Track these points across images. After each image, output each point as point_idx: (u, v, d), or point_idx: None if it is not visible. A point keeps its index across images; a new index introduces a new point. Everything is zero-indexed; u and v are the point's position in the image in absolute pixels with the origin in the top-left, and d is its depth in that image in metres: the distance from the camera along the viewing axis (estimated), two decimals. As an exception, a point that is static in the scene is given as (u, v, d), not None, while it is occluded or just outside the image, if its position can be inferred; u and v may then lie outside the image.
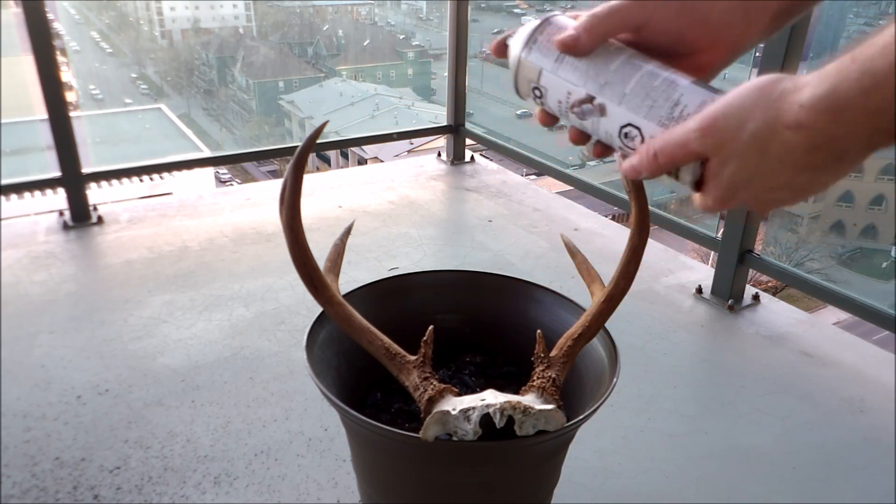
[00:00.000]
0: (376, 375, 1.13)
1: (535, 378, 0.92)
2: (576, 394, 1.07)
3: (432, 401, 0.87)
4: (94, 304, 2.04)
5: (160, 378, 1.71)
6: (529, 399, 0.88)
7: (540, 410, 0.85)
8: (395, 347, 0.94)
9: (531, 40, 0.65)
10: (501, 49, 0.68)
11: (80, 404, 1.61)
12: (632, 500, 1.41)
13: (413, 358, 0.92)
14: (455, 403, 0.86)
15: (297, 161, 0.88)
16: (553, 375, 0.92)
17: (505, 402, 0.84)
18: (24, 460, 1.44)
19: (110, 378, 1.71)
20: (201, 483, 1.40)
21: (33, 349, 1.81)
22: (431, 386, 0.88)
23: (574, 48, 0.62)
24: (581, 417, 0.91)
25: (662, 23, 0.63)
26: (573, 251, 1.16)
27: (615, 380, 0.97)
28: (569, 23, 0.64)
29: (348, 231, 1.14)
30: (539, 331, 0.96)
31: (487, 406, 0.84)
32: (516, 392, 0.91)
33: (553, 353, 0.95)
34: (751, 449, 1.55)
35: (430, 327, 0.94)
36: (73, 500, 1.35)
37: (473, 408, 0.84)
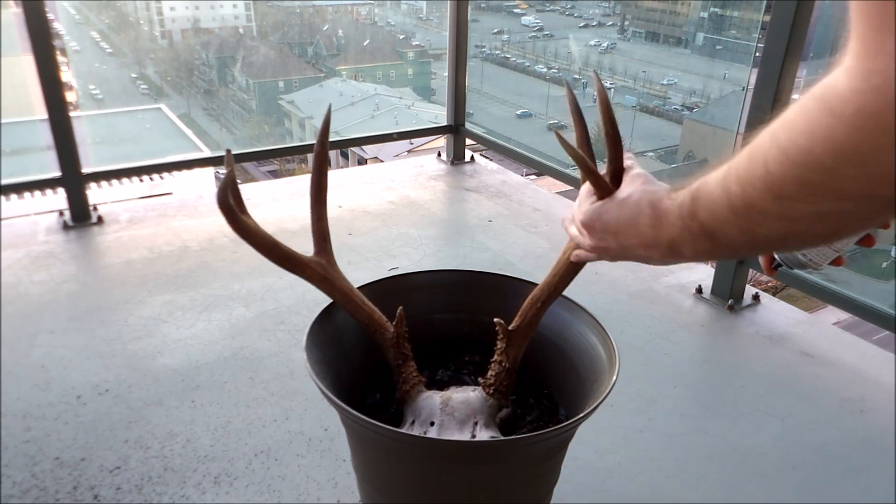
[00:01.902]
0: (376, 375, 1.13)
1: (491, 367, 1.01)
2: (575, 392, 1.07)
3: (403, 400, 1.04)
4: (94, 304, 2.04)
5: (160, 378, 1.71)
6: (475, 404, 0.98)
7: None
8: (378, 319, 1.04)
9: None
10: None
11: (80, 404, 1.61)
12: (632, 500, 1.41)
13: (390, 335, 1.03)
14: (420, 406, 1.00)
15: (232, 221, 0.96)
16: (508, 364, 1.00)
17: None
18: (24, 460, 1.44)
19: (110, 378, 1.71)
20: (201, 483, 1.40)
21: (33, 349, 1.81)
22: (403, 379, 1.03)
23: None
24: (580, 416, 0.91)
25: None
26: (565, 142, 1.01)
27: (615, 379, 0.97)
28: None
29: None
30: (497, 319, 1.02)
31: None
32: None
33: (514, 326, 1.02)
34: (751, 449, 1.55)
35: (400, 308, 1.03)
36: (73, 500, 1.35)
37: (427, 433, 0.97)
